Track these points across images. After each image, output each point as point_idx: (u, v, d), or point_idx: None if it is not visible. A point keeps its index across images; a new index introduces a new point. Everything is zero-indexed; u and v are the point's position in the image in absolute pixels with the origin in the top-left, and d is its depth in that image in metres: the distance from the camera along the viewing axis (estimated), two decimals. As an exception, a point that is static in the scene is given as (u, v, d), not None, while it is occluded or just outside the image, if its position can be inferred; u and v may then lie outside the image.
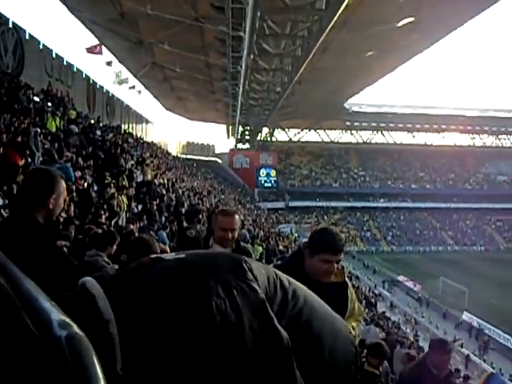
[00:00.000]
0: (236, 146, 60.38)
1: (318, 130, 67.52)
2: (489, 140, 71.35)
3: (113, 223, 7.31)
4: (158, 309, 0.93)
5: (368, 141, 69.55)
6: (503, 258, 48.72)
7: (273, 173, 59.67)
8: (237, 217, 2.84)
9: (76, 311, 0.83)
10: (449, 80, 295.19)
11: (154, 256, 1.12)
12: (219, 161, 61.89)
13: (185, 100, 43.07)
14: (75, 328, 0.60)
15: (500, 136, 70.28)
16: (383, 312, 27.16)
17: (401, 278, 37.78)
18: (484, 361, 22.69)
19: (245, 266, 1.06)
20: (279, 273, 1.20)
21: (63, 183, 2.04)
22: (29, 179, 2.09)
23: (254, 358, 0.95)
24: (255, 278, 1.05)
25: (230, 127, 54.29)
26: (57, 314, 0.62)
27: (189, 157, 53.77)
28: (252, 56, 20.10)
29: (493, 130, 68.15)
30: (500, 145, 71.43)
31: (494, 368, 21.84)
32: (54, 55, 21.18)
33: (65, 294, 0.93)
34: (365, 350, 4.04)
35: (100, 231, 4.87)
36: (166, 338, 0.92)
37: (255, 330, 0.96)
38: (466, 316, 28.64)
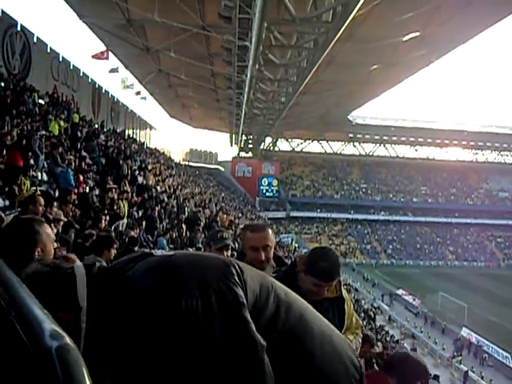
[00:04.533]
0: (239, 154, 60.54)
1: (320, 141, 67.61)
2: (491, 156, 71.37)
3: (113, 228, 7.30)
4: (128, 302, 0.95)
5: (371, 153, 69.61)
6: (503, 275, 48.55)
7: (274, 182, 59.72)
8: (270, 231, 2.35)
9: (57, 290, 0.93)
10: (453, 95, 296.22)
11: (144, 251, 1.13)
12: (222, 169, 62.00)
13: (189, 107, 43.24)
14: (67, 339, 0.60)
15: (502, 152, 70.23)
16: (382, 326, 27.01)
17: (400, 291, 37.62)
18: (482, 378, 22.51)
19: (233, 269, 1.05)
20: (277, 285, 1.17)
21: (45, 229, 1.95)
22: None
23: (223, 359, 0.94)
24: (243, 283, 1.03)
25: (234, 136, 54.40)
26: (49, 324, 0.62)
27: (191, 164, 53.91)
28: (257, 66, 20.15)
29: (495, 146, 68.23)
30: (502, 161, 71.43)
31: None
32: (60, 59, 21.32)
33: (56, 272, 0.98)
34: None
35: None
36: (131, 331, 0.93)
37: (227, 333, 0.95)
38: (464, 332, 28.44)
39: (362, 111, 53.81)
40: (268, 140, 62.53)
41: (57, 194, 7.32)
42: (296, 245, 41.23)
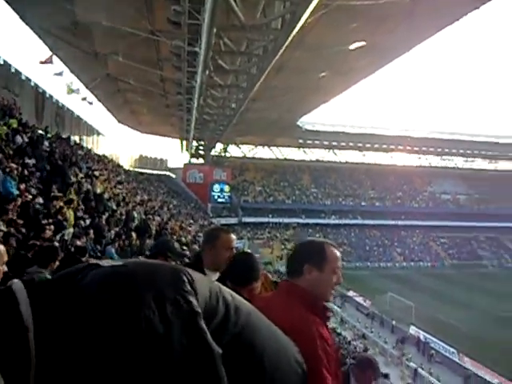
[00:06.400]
0: (190, 160, 59.98)
1: (271, 147, 68.30)
2: (434, 160, 74.91)
3: (58, 238, 6.99)
4: (82, 317, 0.87)
5: (320, 159, 71.06)
6: (448, 274, 51.03)
7: (226, 188, 59.59)
8: None
9: None
10: (398, 101, 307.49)
11: (90, 262, 1.06)
12: (172, 175, 61.22)
13: (138, 113, 42.43)
14: None
15: (444, 157, 73.99)
16: (334, 328, 27.45)
17: (351, 293, 38.42)
18: (431, 374, 23.33)
19: (184, 277, 1.01)
20: (223, 288, 1.17)
21: None
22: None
23: (181, 371, 0.91)
24: (194, 291, 1.01)
25: (184, 142, 53.90)
26: None
27: (141, 171, 52.88)
28: (207, 72, 20.13)
29: (438, 151, 71.59)
30: (444, 165, 75.25)
31: (440, 381, 22.56)
32: (1, 62, 20.38)
33: None
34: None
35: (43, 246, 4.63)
36: (88, 347, 0.86)
37: (184, 343, 0.92)
38: (412, 330, 29.43)
39: (310, 117, 54.77)
40: (219, 146, 62.45)
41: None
42: (249, 250, 41.23)
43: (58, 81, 30.90)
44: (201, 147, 56.09)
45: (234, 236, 2.62)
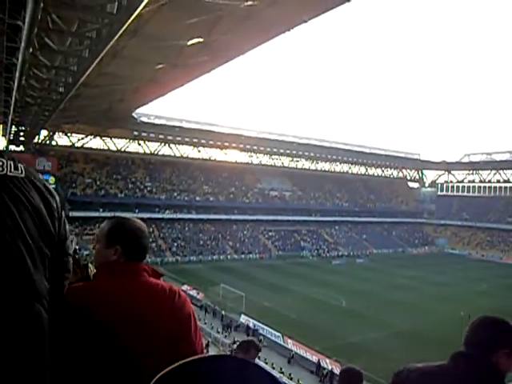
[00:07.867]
0: (7, 147, 53.41)
1: (104, 138, 64.92)
2: (264, 159, 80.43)
3: None
4: None
5: (155, 152, 70.07)
6: (275, 265, 55.30)
7: (51, 180, 54.42)
8: None
9: None
10: (233, 100, 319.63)
11: None
12: (-15, 164, 53.83)
13: None
14: None
15: (273, 156, 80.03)
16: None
17: (185, 287, 38.75)
18: (258, 358, 24.87)
19: None
20: None
21: None
22: None
23: None
24: None
25: (1, 126, 47.79)
26: None
27: None
28: (31, 49, 18.12)
29: (267, 150, 77.26)
30: (273, 164, 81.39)
31: (267, 363, 24.18)
32: None
33: None
34: None
35: None
36: None
37: None
38: (243, 318, 31.02)
39: (146, 109, 53.76)
40: (44, 133, 57.00)
41: None
42: (77, 247, 38.65)
43: None
44: (21, 133, 50.33)
45: None
